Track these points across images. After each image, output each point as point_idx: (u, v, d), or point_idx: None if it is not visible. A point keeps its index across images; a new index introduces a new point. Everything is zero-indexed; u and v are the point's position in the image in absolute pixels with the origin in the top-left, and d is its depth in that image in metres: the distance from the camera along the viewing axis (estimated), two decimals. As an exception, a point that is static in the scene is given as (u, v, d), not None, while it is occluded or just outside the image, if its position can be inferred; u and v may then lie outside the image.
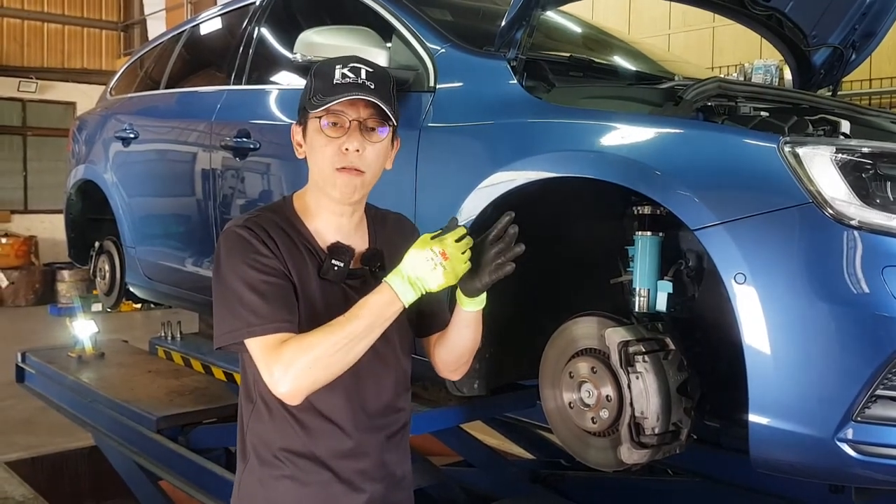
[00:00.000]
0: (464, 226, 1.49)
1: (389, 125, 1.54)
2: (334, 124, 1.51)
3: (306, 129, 1.56)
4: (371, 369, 1.56)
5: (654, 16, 6.59)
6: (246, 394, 1.62)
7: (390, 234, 1.67)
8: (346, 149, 1.50)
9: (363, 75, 1.50)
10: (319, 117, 1.51)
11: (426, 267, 1.43)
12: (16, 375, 4.46)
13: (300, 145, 1.59)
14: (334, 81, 1.49)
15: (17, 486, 4.42)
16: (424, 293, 1.45)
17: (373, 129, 1.53)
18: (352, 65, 1.51)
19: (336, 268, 1.54)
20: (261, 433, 1.58)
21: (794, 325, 1.61)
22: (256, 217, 1.56)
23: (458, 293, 1.54)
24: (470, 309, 1.56)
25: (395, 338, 1.59)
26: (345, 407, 1.56)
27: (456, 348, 1.66)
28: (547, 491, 3.06)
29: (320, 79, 1.52)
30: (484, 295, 1.54)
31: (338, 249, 1.55)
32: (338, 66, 1.51)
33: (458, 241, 1.45)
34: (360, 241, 1.62)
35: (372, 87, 1.49)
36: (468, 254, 1.45)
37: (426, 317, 1.67)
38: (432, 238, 1.46)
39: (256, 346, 1.47)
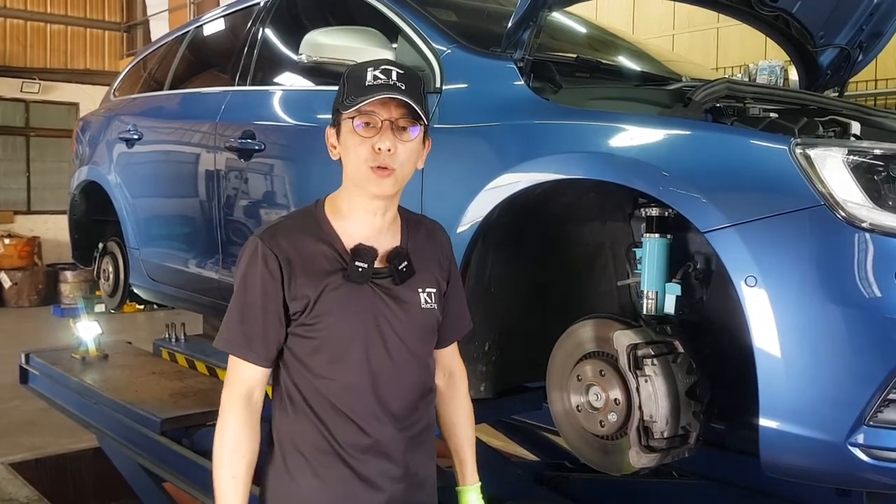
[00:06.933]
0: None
1: (421, 124, 1.56)
2: (367, 124, 1.53)
3: (340, 130, 1.58)
4: (392, 373, 1.59)
5: (658, 16, 6.57)
6: (273, 384, 1.65)
7: (422, 239, 1.69)
8: (379, 148, 1.52)
9: (394, 76, 1.53)
10: (352, 118, 1.53)
11: None
12: (19, 377, 4.46)
13: (334, 147, 1.61)
14: (366, 83, 1.52)
15: (21, 488, 4.43)
16: None
17: (404, 129, 1.54)
18: (383, 67, 1.55)
19: (360, 269, 1.56)
20: (286, 426, 1.61)
21: (806, 329, 1.60)
22: (281, 225, 1.61)
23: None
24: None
25: (418, 345, 1.62)
26: (365, 406, 1.57)
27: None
28: (552, 493, 3.04)
29: (353, 81, 1.55)
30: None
31: (360, 251, 1.57)
32: (369, 69, 1.54)
33: None
34: (390, 241, 1.64)
35: (403, 87, 1.52)
36: None
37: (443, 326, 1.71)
38: None
39: (229, 361, 1.60)
